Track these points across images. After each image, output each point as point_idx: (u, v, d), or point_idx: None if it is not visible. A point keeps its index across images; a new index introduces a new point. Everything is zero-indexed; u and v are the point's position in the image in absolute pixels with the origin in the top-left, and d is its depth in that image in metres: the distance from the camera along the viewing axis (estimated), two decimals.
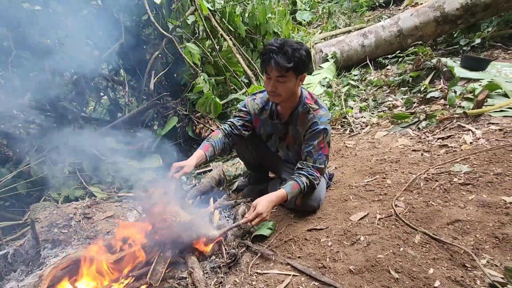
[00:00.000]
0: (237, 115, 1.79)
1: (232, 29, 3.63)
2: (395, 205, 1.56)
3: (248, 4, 3.79)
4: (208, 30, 3.18)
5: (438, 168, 1.78)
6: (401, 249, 1.27)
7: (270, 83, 1.49)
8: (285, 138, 1.77)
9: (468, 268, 1.12)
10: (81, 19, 2.83)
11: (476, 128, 2.09)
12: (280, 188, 1.52)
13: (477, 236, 1.25)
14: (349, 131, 2.89)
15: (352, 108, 3.26)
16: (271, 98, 1.59)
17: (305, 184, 1.54)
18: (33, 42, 2.57)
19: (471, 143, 1.95)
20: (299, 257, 1.40)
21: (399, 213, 1.48)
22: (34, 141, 2.91)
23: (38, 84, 3.01)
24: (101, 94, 3.79)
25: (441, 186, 1.61)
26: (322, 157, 1.59)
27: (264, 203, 1.43)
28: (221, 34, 3.38)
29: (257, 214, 1.41)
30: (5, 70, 2.73)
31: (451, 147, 2.00)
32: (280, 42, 1.43)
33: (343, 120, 3.11)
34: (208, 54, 3.27)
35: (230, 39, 3.46)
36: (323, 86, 3.83)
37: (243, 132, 1.77)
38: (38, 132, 3.10)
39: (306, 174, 1.56)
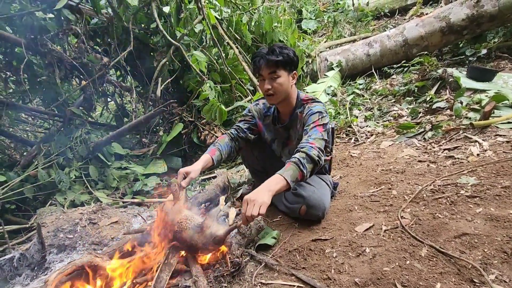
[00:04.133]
0: (243, 119, 1.84)
1: (239, 38, 3.69)
2: (401, 217, 1.54)
3: (254, 13, 3.85)
4: (215, 38, 3.23)
5: (445, 179, 1.77)
6: (408, 262, 1.26)
7: (264, 83, 1.57)
8: (288, 143, 1.79)
9: (476, 284, 1.10)
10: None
11: (483, 140, 2.08)
12: None
13: (485, 250, 1.23)
14: (354, 140, 2.89)
15: (357, 117, 3.26)
16: (269, 100, 1.64)
17: (298, 157, 1.40)
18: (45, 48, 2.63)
19: (478, 155, 1.94)
20: (303, 268, 1.39)
21: (405, 225, 1.47)
22: (42, 145, 2.96)
23: (47, 89, 3.07)
24: (109, 99, 3.85)
25: (448, 198, 1.59)
26: (317, 133, 1.49)
27: (255, 191, 1.29)
28: (228, 42, 3.43)
29: (247, 202, 1.26)
30: (17, 75, 2.79)
31: (458, 158, 1.98)
32: (269, 46, 1.58)
33: (348, 129, 3.11)
34: (215, 61, 3.32)
35: (236, 47, 3.51)
36: (328, 94, 3.84)
37: (249, 135, 1.80)
38: (46, 136, 3.15)
39: (299, 148, 1.45)
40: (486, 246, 1.24)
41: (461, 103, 2.58)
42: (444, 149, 2.15)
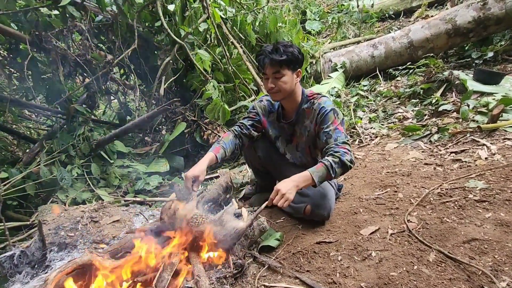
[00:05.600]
0: (247, 116, 1.84)
1: (243, 37, 3.67)
2: (408, 221, 1.51)
3: (259, 13, 3.83)
4: (219, 37, 3.21)
5: (452, 183, 1.74)
6: (415, 267, 1.23)
7: (268, 82, 1.57)
8: (292, 140, 1.78)
9: None
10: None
11: (491, 143, 2.04)
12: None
13: (496, 256, 1.20)
14: (358, 141, 2.86)
15: (361, 119, 3.23)
16: (273, 97, 1.64)
17: (331, 162, 1.45)
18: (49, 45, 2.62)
19: (486, 158, 1.90)
20: (307, 270, 1.36)
21: (412, 229, 1.44)
22: (44, 142, 2.95)
23: (51, 86, 3.06)
24: (112, 98, 3.84)
25: (456, 202, 1.56)
26: (341, 134, 1.55)
27: (286, 183, 1.41)
28: (232, 42, 3.41)
29: (277, 192, 1.39)
30: (21, 72, 2.79)
31: (465, 162, 1.95)
32: (272, 44, 1.55)
33: (352, 130, 3.08)
34: (219, 61, 3.30)
35: (241, 46, 3.49)
36: (332, 95, 3.81)
37: (253, 132, 1.79)
38: (49, 133, 3.14)
39: (331, 152, 1.49)
40: (497, 252, 1.21)
41: (468, 106, 2.54)
42: (451, 152, 2.12)
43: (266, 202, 1.44)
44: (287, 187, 1.39)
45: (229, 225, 1.41)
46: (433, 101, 2.93)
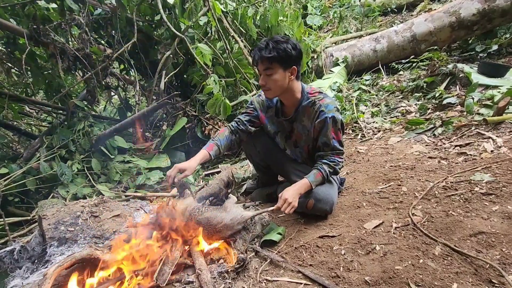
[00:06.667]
0: (244, 111, 1.82)
1: (244, 31, 3.61)
2: (412, 214, 1.49)
3: (260, 6, 3.78)
4: (220, 30, 3.17)
5: (457, 176, 1.71)
6: (421, 260, 1.20)
7: (260, 78, 1.54)
8: (291, 136, 1.76)
9: (496, 284, 1.05)
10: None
11: (497, 136, 2.01)
12: (304, 178, 1.58)
13: (503, 250, 1.17)
14: (361, 136, 2.83)
15: (363, 113, 3.20)
16: (265, 93, 1.62)
17: (327, 171, 1.59)
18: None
19: (492, 151, 1.87)
20: (310, 265, 1.34)
21: (417, 223, 1.41)
22: (44, 138, 2.93)
23: (50, 81, 3.03)
24: (112, 93, 3.81)
25: (462, 196, 1.53)
26: (337, 144, 1.62)
27: (291, 192, 1.50)
28: (233, 36, 3.36)
29: (285, 201, 1.47)
30: (19, 67, 2.76)
31: (470, 155, 1.92)
32: (266, 40, 1.50)
33: (355, 125, 3.04)
34: (219, 55, 3.26)
35: (242, 40, 3.44)
36: (333, 90, 3.77)
37: (249, 127, 1.77)
38: (49, 129, 3.12)
39: (327, 161, 1.60)
40: (504, 245, 1.19)
41: (473, 98, 2.50)
42: (456, 146, 2.08)
43: (273, 208, 1.49)
44: (292, 195, 1.48)
45: (235, 210, 1.42)
46: (437, 94, 2.88)
